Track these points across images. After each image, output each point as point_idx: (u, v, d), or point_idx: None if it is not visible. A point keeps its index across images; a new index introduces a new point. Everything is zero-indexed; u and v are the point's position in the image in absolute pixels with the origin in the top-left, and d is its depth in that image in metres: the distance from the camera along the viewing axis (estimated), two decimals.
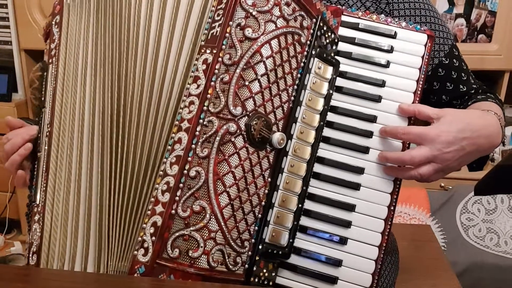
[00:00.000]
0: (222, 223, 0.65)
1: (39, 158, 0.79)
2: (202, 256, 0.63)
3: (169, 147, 0.66)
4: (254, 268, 0.69)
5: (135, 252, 0.64)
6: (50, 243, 0.73)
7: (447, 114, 0.76)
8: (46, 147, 0.76)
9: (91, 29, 0.78)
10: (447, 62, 0.91)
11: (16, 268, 0.94)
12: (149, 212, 0.65)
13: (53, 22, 0.83)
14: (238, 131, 0.66)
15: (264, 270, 0.71)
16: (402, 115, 0.79)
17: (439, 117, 0.75)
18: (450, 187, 1.97)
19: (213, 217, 0.64)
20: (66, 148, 0.75)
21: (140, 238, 0.64)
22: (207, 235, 0.64)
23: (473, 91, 0.93)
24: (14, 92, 2.27)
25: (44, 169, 0.76)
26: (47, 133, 0.77)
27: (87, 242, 0.71)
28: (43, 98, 0.82)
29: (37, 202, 0.76)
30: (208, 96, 0.66)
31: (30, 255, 0.74)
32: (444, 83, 0.92)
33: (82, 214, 0.72)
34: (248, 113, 0.67)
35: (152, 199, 0.65)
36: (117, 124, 0.73)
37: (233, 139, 0.66)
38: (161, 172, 0.66)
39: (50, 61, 0.81)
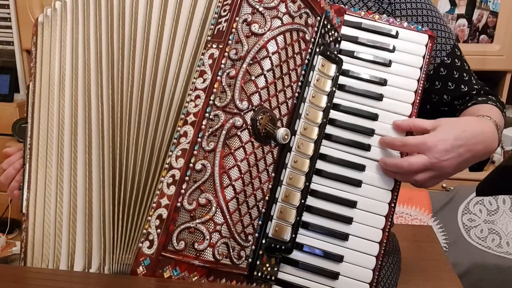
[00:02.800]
0: (228, 217, 0.65)
1: (24, 170, 0.81)
2: (208, 248, 0.63)
3: (175, 140, 0.67)
4: (258, 263, 0.69)
5: (140, 244, 0.64)
6: (40, 246, 0.74)
7: (443, 123, 0.77)
8: (28, 159, 0.79)
9: (69, 38, 0.79)
10: (449, 61, 0.93)
11: (10, 268, 0.93)
12: (154, 204, 0.65)
13: (32, 43, 0.86)
14: (244, 125, 0.67)
15: (267, 265, 0.71)
16: (398, 132, 0.79)
17: (435, 127, 0.77)
18: (452, 188, 1.97)
19: (219, 210, 0.64)
20: (45, 157, 0.77)
21: (145, 231, 0.64)
22: (212, 228, 0.64)
23: (474, 92, 0.95)
24: (16, 92, 2.27)
25: (27, 180, 0.78)
26: (29, 145, 0.80)
27: (89, 239, 0.71)
28: (25, 114, 0.84)
29: (24, 211, 0.78)
30: (214, 90, 0.66)
31: (20, 263, 0.76)
32: (446, 83, 0.93)
33: (82, 213, 0.72)
34: (254, 107, 0.67)
35: (158, 192, 0.65)
36: (113, 121, 0.73)
37: (239, 133, 0.66)
38: (166, 165, 0.66)
39: (30, 78, 0.84)
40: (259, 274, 0.70)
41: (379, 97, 0.81)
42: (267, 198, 0.70)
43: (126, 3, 0.76)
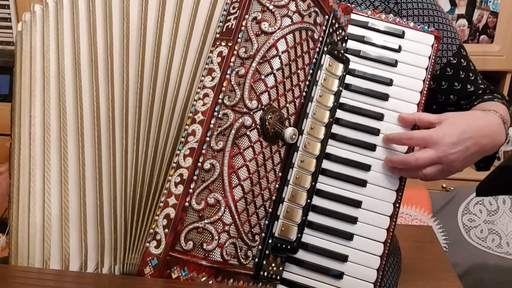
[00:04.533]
0: (236, 217, 0.64)
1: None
2: (216, 249, 0.63)
3: (182, 139, 0.66)
4: (264, 262, 0.69)
5: (147, 244, 0.63)
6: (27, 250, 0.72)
7: (448, 117, 0.78)
8: (11, 165, 0.77)
9: (39, 47, 0.77)
10: (455, 61, 0.93)
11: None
12: (161, 204, 0.64)
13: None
14: (253, 125, 0.66)
15: (273, 264, 0.71)
16: (404, 125, 0.79)
17: (440, 121, 0.77)
18: (452, 188, 1.97)
19: (228, 210, 0.64)
20: (28, 166, 0.74)
21: (152, 230, 0.63)
22: (221, 228, 0.63)
23: (480, 91, 0.95)
24: None
25: (11, 192, 0.76)
26: (13, 161, 0.77)
27: (94, 239, 0.70)
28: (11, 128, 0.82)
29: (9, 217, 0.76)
30: (223, 89, 0.66)
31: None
32: (452, 83, 0.94)
33: (91, 213, 0.71)
34: (263, 107, 0.67)
35: (165, 191, 0.64)
36: (98, 122, 0.72)
37: (248, 133, 0.66)
38: (174, 164, 0.65)
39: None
40: (265, 274, 0.70)
41: (384, 97, 0.81)
42: (274, 198, 0.70)
43: (114, 2, 0.74)
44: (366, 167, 0.78)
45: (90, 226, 0.70)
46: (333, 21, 0.77)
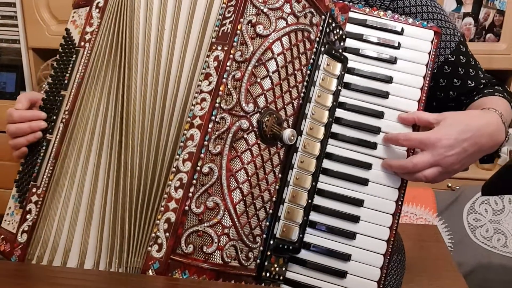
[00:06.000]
0: (235, 219, 0.65)
1: (48, 140, 0.78)
2: (216, 251, 0.64)
3: (181, 143, 0.67)
4: (266, 263, 0.70)
5: (149, 248, 0.64)
6: (55, 235, 0.74)
7: (446, 117, 0.77)
8: (59, 134, 0.77)
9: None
10: (453, 59, 0.92)
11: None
12: (162, 208, 0.65)
13: (95, 3, 0.82)
14: (250, 128, 0.66)
15: (275, 265, 0.72)
16: (403, 124, 0.79)
17: (439, 121, 0.77)
18: (457, 187, 1.95)
19: (227, 213, 0.65)
20: (86, 143, 0.75)
21: (153, 234, 0.65)
22: (221, 231, 0.64)
23: (481, 86, 0.94)
24: (22, 91, 2.26)
25: (52, 155, 0.76)
26: (63, 120, 0.77)
27: (99, 241, 0.71)
28: (66, 81, 0.80)
29: (38, 184, 0.76)
30: (220, 93, 0.66)
31: (19, 234, 0.75)
32: (451, 80, 0.93)
33: (97, 210, 0.72)
34: (260, 109, 0.67)
35: (165, 196, 0.66)
36: (121, 123, 0.73)
37: (245, 136, 0.66)
38: (173, 169, 0.66)
39: (82, 44, 0.80)
40: (268, 275, 0.71)
41: (385, 95, 0.80)
42: (274, 199, 0.70)
43: (128, 4, 0.76)
44: (367, 166, 0.78)
45: (93, 229, 0.71)
46: (330, 20, 0.77)
